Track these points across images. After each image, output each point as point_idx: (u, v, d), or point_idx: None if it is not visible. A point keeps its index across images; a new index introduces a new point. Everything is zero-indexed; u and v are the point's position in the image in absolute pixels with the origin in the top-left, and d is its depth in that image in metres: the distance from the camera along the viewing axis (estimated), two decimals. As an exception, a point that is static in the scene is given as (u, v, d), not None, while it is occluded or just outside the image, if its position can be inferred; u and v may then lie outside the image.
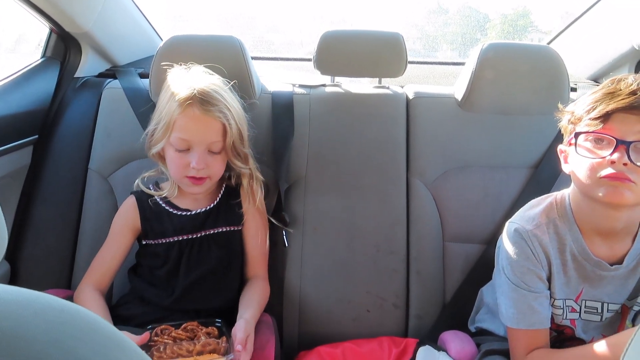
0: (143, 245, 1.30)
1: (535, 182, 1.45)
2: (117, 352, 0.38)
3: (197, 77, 1.24)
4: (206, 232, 1.29)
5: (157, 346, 1.08)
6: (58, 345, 0.35)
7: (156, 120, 1.26)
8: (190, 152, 1.20)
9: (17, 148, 1.46)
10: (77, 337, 0.36)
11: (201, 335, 1.13)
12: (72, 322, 0.38)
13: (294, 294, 1.42)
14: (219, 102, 1.20)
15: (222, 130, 1.21)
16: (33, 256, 1.46)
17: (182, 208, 1.30)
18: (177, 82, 1.23)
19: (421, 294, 1.43)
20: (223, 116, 1.20)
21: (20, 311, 0.36)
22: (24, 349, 0.33)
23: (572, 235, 1.09)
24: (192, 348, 1.07)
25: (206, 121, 1.19)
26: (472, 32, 3.33)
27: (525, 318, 1.09)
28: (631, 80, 0.99)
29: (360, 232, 1.46)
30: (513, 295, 1.11)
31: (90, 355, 0.36)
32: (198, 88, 1.19)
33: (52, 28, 1.61)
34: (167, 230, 1.27)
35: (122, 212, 1.32)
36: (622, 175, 0.96)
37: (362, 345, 1.32)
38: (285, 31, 3.38)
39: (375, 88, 1.64)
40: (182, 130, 1.20)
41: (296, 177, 1.49)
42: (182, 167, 1.21)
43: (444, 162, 1.49)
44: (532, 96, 1.51)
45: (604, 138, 0.99)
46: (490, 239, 1.43)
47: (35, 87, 1.56)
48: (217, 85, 1.24)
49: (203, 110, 1.18)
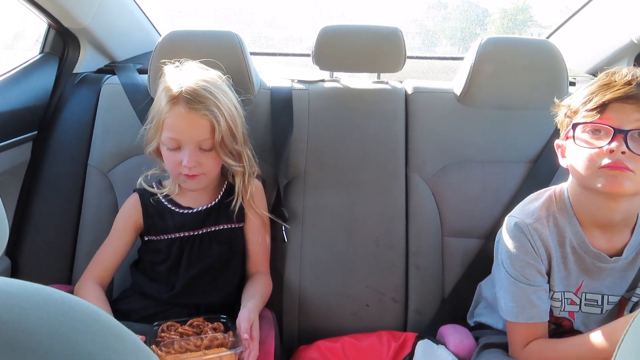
0: (145, 241, 1.31)
1: (534, 177, 1.45)
2: (116, 343, 0.38)
3: (188, 75, 1.23)
4: (208, 230, 1.29)
5: (164, 342, 1.08)
6: (58, 336, 0.35)
7: (149, 119, 1.26)
8: (181, 150, 1.20)
9: (17, 144, 1.46)
10: (77, 329, 0.37)
11: (208, 330, 1.14)
12: (72, 314, 0.38)
13: (293, 288, 1.42)
14: (206, 100, 1.19)
15: (210, 128, 1.20)
16: (33, 252, 1.46)
17: (184, 206, 1.30)
18: (168, 80, 1.23)
19: (420, 289, 1.43)
20: (210, 113, 1.18)
21: (21, 303, 0.36)
22: (26, 340, 0.34)
23: (572, 228, 1.10)
24: (199, 343, 1.08)
25: (192, 119, 1.18)
26: (472, 27, 3.33)
27: (525, 311, 1.10)
28: (626, 71, 1.00)
29: (360, 227, 1.46)
30: (512, 289, 1.11)
31: (91, 345, 0.36)
32: (185, 86, 1.18)
33: (51, 24, 1.61)
34: (169, 227, 1.28)
35: (125, 209, 1.33)
36: (620, 165, 0.96)
37: (361, 340, 1.32)
38: (284, 26, 3.38)
39: (374, 83, 1.64)
40: (171, 129, 1.20)
41: (295, 172, 1.49)
42: (175, 165, 1.22)
43: (443, 157, 1.49)
44: (531, 91, 1.51)
45: (602, 128, 1.00)
46: (489, 233, 1.44)
47: (34, 83, 1.56)
48: (208, 82, 1.22)
49: (189, 108, 1.18)
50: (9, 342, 0.33)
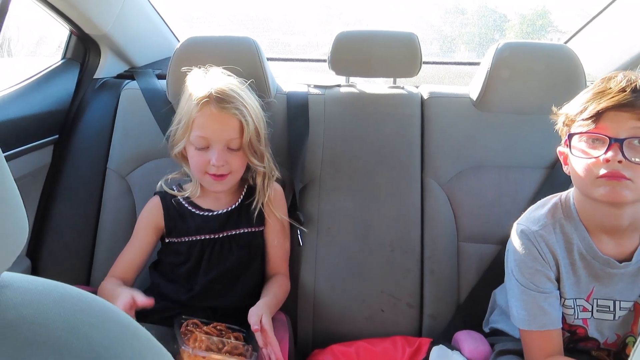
0: (166, 243, 1.33)
1: (551, 183, 1.43)
2: (131, 339, 0.39)
3: (215, 78, 1.27)
4: (228, 233, 1.31)
5: (189, 336, 1.11)
6: (75, 332, 0.36)
7: (177, 120, 1.29)
8: (209, 149, 1.23)
9: (38, 147, 1.50)
10: (93, 325, 0.38)
11: (231, 336, 1.16)
12: (88, 310, 0.39)
13: (308, 292, 1.43)
14: (236, 100, 1.23)
15: (239, 127, 1.24)
16: (53, 253, 1.49)
17: (205, 208, 1.32)
18: (195, 83, 1.27)
19: (435, 294, 1.42)
20: (239, 113, 1.22)
21: (40, 299, 0.37)
22: (43, 334, 0.35)
23: (579, 234, 1.09)
24: (221, 346, 1.11)
25: (223, 118, 1.22)
26: (490, 33, 3.30)
27: (537, 319, 1.08)
28: (621, 77, 0.99)
29: (375, 232, 1.46)
30: (523, 297, 1.10)
31: (106, 341, 0.37)
32: (215, 87, 1.22)
33: (72, 30, 1.65)
34: (190, 230, 1.30)
35: (146, 211, 1.35)
36: (617, 174, 0.96)
37: (375, 344, 1.32)
38: (301, 33, 3.39)
39: (390, 88, 1.64)
40: (201, 128, 1.23)
41: (311, 176, 1.50)
42: (202, 164, 1.24)
43: (459, 162, 1.49)
44: (548, 95, 1.48)
45: (597, 137, 0.99)
46: (505, 239, 1.41)
47: (56, 88, 1.60)
48: (234, 84, 1.27)
49: (219, 107, 1.21)
50: (27, 336, 0.34)
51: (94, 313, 0.39)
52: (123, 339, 0.39)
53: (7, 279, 0.38)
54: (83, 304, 0.39)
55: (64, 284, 0.41)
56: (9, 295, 0.37)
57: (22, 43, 2.01)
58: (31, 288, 0.39)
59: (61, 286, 0.40)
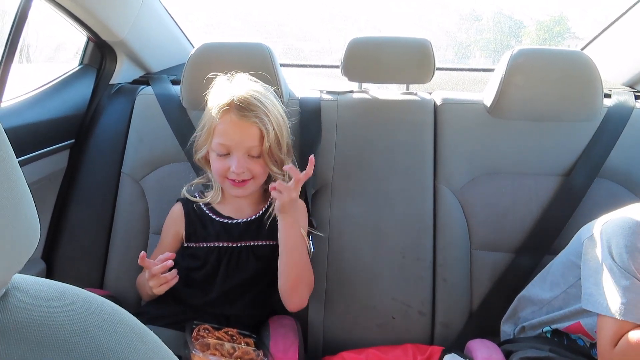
0: (183, 247, 1.34)
1: (567, 190, 1.42)
2: (139, 343, 0.40)
3: (239, 85, 1.28)
4: (247, 244, 1.31)
5: (201, 341, 1.11)
6: (84, 334, 0.36)
7: (200, 126, 1.31)
8: (230, 156, 1.25)
9: (55, 152, 1.52)
10: (102, 327, 0.38)
11: (242, 342, 1.16)
12: (97, 313, 0.39)
13: (319, 298, 1.42)
14: (257, 109, 1.23)
15: (259, 135, 1.24)
16: (68, 256, 1.51)
17: (225, 215, 1.33)
18: (219, 90, 1.28)
19: (447, 302, 1.41)
20: (260, 121, 1.23)
21: (50, 302, 0.38)
22: (52, 336, 0.35)
23: None
24: (232, 351, 1.11)
25: (243, 126, 1.23)
26: (506, 39, 3.28)
27: (636, 310, 1.03)
28: None
29: (386, 238, 1.45)
30: (625, 283, 1.04)
31: (114, 344, 0.37)
32: (237, 95, 1.23)
33: (90, 37, 1.67)
34: (209, 235, 1.31)
35: (170, 219, 1.37)
36: None
37: (386, 352, 1.31)
38: (315, 39, 3.41)
39: (402, 94, 1.64)
40: (221, 135, 1.24)
41: (323, 182, 1.50)
42: (223, 170, 1.26)
43: (472, 169, 1.48)
44: (563, 102, 1.48)
45: None
46: (519, 247, 1.41)
47: (73, 93, 1.63)
48: (257, 92, 1.27)
49: (240, 116, 1.22)
50: (37, 338, 0.35)
51: (103, 316, 0.39)
52: (131, 342, 0.39)
53: (19, 281, 0.39)
54: (92, 307, 0.40)
55: (74, 287, 0.41)
56: (20, 297, 0.37)
57: (41, 49, 2.05)
58: (42, 290, 0.39)
59: (71, 289, 0.41)
